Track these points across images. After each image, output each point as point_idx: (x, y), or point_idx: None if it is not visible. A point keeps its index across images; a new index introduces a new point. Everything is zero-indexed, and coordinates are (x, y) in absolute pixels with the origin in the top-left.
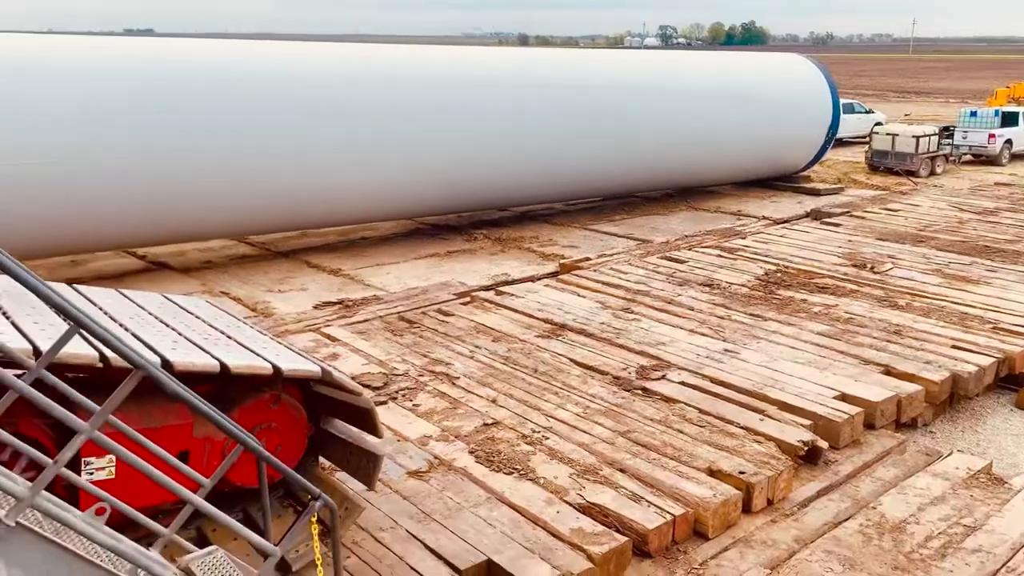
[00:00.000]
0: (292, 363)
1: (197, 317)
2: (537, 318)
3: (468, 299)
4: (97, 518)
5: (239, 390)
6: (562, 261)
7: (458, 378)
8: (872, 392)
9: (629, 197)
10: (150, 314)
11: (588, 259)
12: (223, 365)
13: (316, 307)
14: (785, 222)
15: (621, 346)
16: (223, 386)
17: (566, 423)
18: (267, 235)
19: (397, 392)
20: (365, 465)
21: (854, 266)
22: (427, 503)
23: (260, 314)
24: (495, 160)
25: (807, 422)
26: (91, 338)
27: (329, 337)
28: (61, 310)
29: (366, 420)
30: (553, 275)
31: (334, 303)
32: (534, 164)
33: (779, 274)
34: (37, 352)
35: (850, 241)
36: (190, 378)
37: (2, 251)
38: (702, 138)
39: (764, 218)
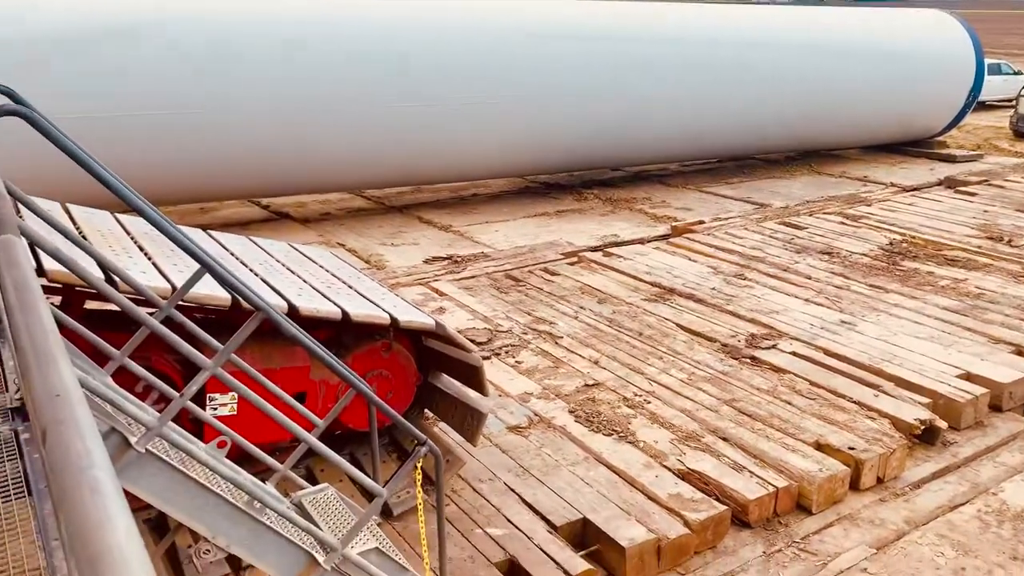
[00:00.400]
0: (408, 315)
1: (321, 266)
2: (645, 281)
3: (575, 259)
4: (218, 451)
5: (354, 337)
6: (674, 224)
7: (561, 338)
8: (1000, 372)
9: (748, 159)
10: (278, 261)
11: (701, 222)
12: (344, 313)
13: (426, 261)
14: (915, 189)
15: (731, 313)
16: (339, 332)
17: (669, 388)
18: (382, 190)
19: (500, 348)
20: (469, 421)
21: (989, 238)
22: (526, 458)
23: (373, 266)
24: (612, 118)
25: (926, 400)
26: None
27: (437, 291)
28: (190, 253)
29: (473, 377)
30: (664, 238)
31: (443, 258)
32: (651, 122)
33: (905, 244)
34: (175, 289)
35: (986, 212)
36: (308, 323)
37: (140, 197)
38: (829, 98)
39: (892, 185)
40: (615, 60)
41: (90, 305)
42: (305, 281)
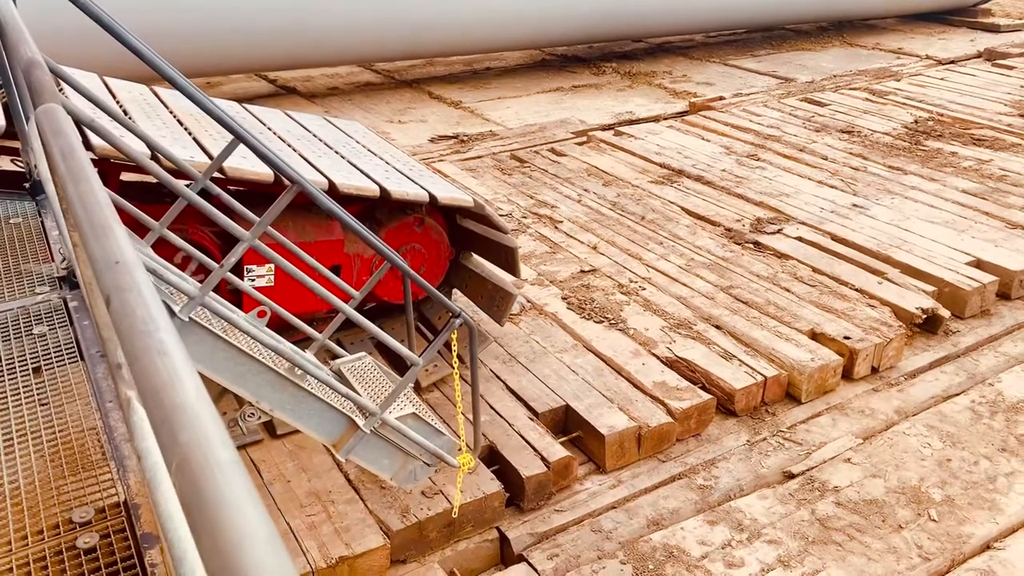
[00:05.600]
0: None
1: (397, 148)
2: (653, 162)
3: (584, 139)
4: (259, 320)
5: (387, 212)
6: (692, 100)
7: (561, 222)
8: (1013, 260)
9: (777, 29)
10: (357, 143)
11: (721, 98)
12: (432, 196)
13: (432, 141)
14: (951, 62)
15: (740, 196)
16: (372, 207)
17: (666, 275)
18: (392, 63)
19: None
20: (498, 302)
21: (1021, 116)
22: (514, 345)
23: None
24: None
25: (931, 288)
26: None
27: (440, 173)
28: (223, 124)
29: (507, 258)
30: (681, 115)
31: (450, 137)
32: None
33: (930, 122)
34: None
35: (1023, 87)
36: (341, 198)
37: (171, 66)
38: None
39: (928, 57)
40: None
41: (126, 177)
42: (388, 164)
